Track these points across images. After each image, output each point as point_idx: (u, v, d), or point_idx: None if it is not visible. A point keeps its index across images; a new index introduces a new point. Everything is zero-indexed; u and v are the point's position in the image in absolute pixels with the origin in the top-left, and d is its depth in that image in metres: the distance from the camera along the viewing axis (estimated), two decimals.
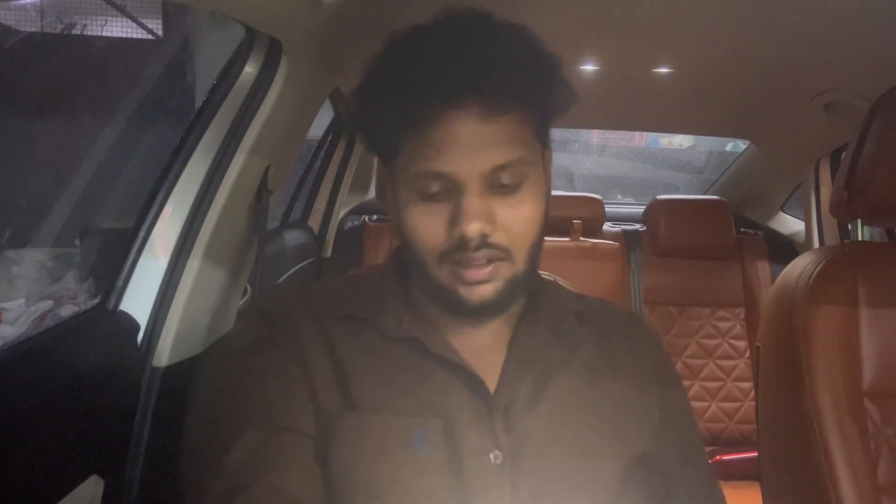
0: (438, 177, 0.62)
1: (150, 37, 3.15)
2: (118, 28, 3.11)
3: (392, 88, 0.62)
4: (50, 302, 1.69)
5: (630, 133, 4.15)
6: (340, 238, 2.19)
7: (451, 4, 0.64)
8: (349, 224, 2.33)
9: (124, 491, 0.92)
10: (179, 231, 1.02)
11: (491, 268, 0.63)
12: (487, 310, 0.66)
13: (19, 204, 2.40)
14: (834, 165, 2.00)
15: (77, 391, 0.83)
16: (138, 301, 0.99)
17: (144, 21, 3.10)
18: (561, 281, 0.90)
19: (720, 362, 2.19)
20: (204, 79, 2.83)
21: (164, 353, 0.99)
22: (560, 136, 4.11)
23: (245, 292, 1.25)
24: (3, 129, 2.45)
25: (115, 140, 2.52)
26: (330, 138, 2.00)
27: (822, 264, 1.03)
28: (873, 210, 1.06)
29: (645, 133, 4.02)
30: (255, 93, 1.05)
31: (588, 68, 1.52)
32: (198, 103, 1.07)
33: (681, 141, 4.16)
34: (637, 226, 2.42)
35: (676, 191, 4.07)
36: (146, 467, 0.94)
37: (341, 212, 2.21)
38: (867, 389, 0.99)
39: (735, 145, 3.14)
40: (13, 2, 2.48)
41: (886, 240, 1.22)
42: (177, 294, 1.01)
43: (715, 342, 2.21)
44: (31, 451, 0.75)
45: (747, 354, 2.19)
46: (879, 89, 1.08)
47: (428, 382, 0.66)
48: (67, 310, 1.68)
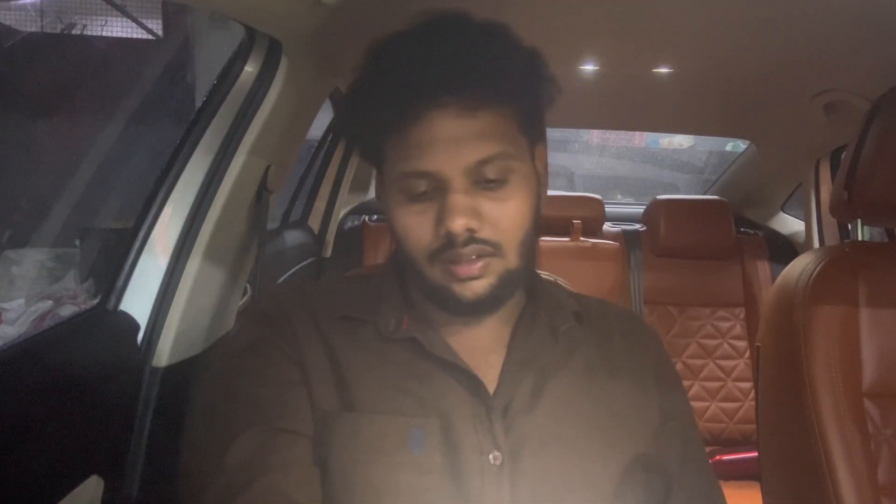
0: (423, 176, 0.62)
1: (150, 37, 3.16)
2: (118, 28, 3.11)
3: (372, 94, 0.64)
4: (50, 302, 1.69)
5: (630, 133, 4.15)
6: (340, 238, 2.19)
7: (441, 6, 0.64)
8: (349, 224, 2.33)
9: (124, 491, 0.92)
10: (179, 231, 1.02)
11: (481, 263, 0.63)
12: (482, 306, 0.66)
13: (19, 204, 2.40)
14: (834, 165, 2.00)
15: (77, 391, 0.83)
16: (138, 301, 0.99)
17: (144, 21, 3.11)
18: (561, 281, 0.90)
19: (720, 362, 2.19)
20: (204, 79, 2.83)
21: (164, 353, 0.99)
22: (560, 136, 4.13)
23: (245, 292, 1.25)
24: (3, 129, 2.45)
25: (115, 140, 2.51)
26: (330, 138, 2.00)
27: (822, 264, 1.03)
28: (873, 210, 1.06)
29: (645, 133, 4.02)
30: (255, 93, 1.05)
31: (588, 68, 1.52)
32: (198, 103, 1.07)
33: (681, 141, 4.16)
34: (637, 226, 2.42)
35: (676, 191, 4.07)
36: (146, 467, 0.94)
37: (341, 212, 2.21)
38: (867, 389, 0.99)
39: (735, 145, 3.14)
40: (13, 2, 2.48)
41: (886, 240, 1.22)
42: (177, 294, 1.01)
43: (715, 342, 2.21)
44: (32, 451, 0.75)
45: (747, 354, 2.19)
46: (879, 89, 1.08)
47: (426, 383, 0.67)
48: (67, 310, 1.68)
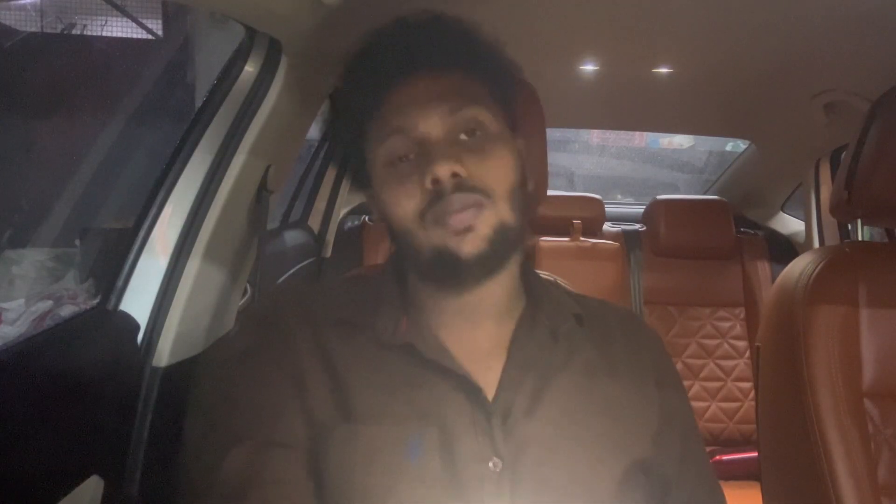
0: (401, 132, 0.66)
1: (150, 37, 3.15)
2: (118, 28, 3.11)
3: (354, 80, 0.71)
4: (50, 302, 1.69)
5: (630, 133, 4.15)
6: (340, 238, 2.19)
7: (439, 7, 0.68)
8: (349, 224, 2.33)
9: (124, 491, 0.92)
10: (179, 231, 1.02)
11: (472, 211, 0.63)
12: (482, 263, 0.65)
13: (19, 204, 2.40)
14: (834, 165, 2.00)
15: (77, 391, 0.83)
16: (138, 301, 0.99)
17: (144, 21, 3.10)
18: (561, 281, 0.90)
19: (720, 362, 2.19)
20: (204, 79, 2.82)
21: (164, 353, 0.99)
22: (560, 136, 4.13)
23: (245, 292, 1.25)
24: (3, 129, 2.45)
25: (115, 140, 2.51)
26: (330, 138, 2.00)
27: (822, 264, 1.03)
28: (873, 210, 1.06)
29: (645, 133, 4.02)
30: (255, 93, 1.05)
31: (588, 68, 1.52)
32: (198, 103, 1.07)
33: (681, 141, 4.16)
34: (637, 226, 2.42)
35: (676, 191, 4.07)
36: (146, 467, 0.94)
37: (341, 212, 2.21)
38: (867, 389, 0.99)
39: (735, 145, 3.14)
40: (13, 2, 2.48)
41: (886, 240, 1.22)
42: (177, 294, 1.01)
43: (715, 342, 2.21)
44: (32, 451, 0.75)
45: (747, 354, 2.19)
46: (879, 89, 1.08)
47: (425, 390, 0.66)
48: (67, 310, 1.67)
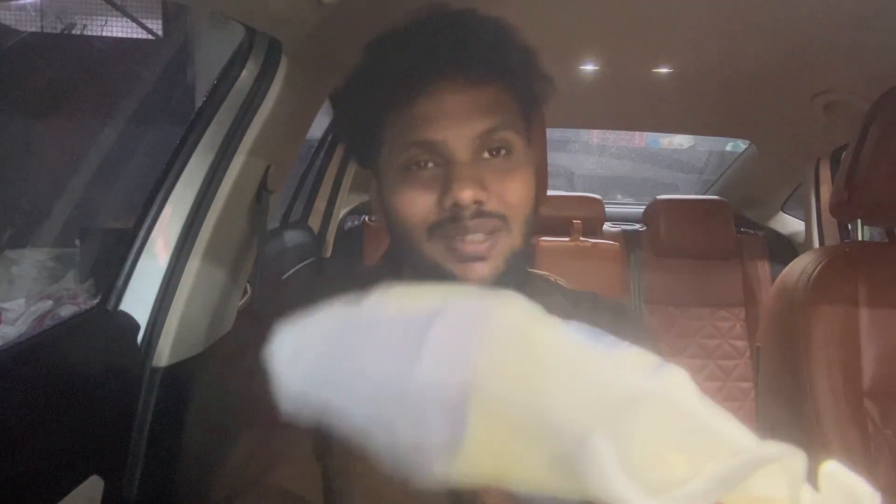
0: (429, 145, 0.61)
1: (150, 37, 3.15)
2: (118, 28, 3.11)
3: (376, 74, 0.63)
4: (50, 302, 1.69)
5: (630, 133, 4.16)
6: (340, 238, 2.19)
7: (444, 2, 0.64)
8: (349, 224, 2.33)
9: (124, 491, 0.92)
10: (179, 231, 1.02)
11: (489, 242, 0.60)
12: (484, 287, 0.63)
13: (19, 204, 2.40)
14: (834, 165, 2.00)
15: (77, 391, 0.83)
16: (138, 301, 0.99)
17: (144, 21, 3.10)
18: (561, 281, 0.90)
19: (720, 362, 2.19)
20: (204, 79, 2.83)
21: (164, 353, 0.99)
22: (560, 136, 4.14)
23: (245, 292, 1.25)
24: (3, 129, 2.45)
25: (115, 140, 2.51)
26: (330, 138, 2.00)
27: (822, 264, 1.03)
28: (873, 210, 1.06)
29: (645, 133, 4.02)
30: (255, 93, 1.05)
31: (588, 68, 1.52)
32: (198, 103, 1.07)
33: (681, 141, 4.17)
34: (637, 226, 2.42)
35: (676, 191, 4.08)
36: (146, 467, 0.94)
37: (341, 212, 2.21)
38: (867, 390, 0.99)
39: (735, 145, 3.14)
40: (13, 2, 2.48)
41: (886, 240, 1.22)
42: (177, 294, 1.01)
43: (715, 342, 2.21)
44: (31, 451, 0.75)
45: (747, 354, 2.19)
46: (879, 89, 1.08)
47: None
48: (67, 310, 1.67)
